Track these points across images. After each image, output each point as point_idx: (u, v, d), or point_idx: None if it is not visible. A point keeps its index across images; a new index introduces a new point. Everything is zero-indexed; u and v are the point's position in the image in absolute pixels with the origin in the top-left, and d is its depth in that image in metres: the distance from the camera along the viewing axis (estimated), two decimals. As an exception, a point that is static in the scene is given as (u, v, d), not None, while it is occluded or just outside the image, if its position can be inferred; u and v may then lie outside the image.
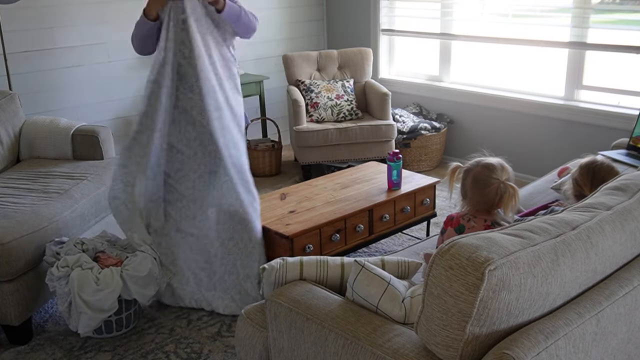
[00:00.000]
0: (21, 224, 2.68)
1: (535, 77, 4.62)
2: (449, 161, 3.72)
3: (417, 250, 2.45)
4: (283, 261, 1.91)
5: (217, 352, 2.64)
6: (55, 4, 4.16)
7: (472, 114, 4.81)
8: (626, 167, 3.00)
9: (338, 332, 1.63)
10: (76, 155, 3.56)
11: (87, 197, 3.08)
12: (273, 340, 1.85)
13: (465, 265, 1.32)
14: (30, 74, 4.13)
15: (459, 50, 5.00)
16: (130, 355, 2.63)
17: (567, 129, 4.25)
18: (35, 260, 2.70)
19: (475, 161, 2.17)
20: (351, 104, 4.68)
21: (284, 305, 1.77)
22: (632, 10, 4.04)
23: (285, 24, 5.46)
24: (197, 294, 2.93)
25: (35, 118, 3.69)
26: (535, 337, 1.36)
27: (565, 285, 1.46)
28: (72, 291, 2.55)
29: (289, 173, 4.91)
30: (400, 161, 3.21)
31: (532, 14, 4.55)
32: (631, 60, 4.07)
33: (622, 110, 3.98)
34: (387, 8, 5.34)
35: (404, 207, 3.22)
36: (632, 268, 1.67)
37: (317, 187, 3.32)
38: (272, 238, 2.84)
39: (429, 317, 1.40)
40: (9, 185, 3.12)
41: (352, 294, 1.76)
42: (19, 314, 2.65)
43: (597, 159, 2.30)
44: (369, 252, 3.49)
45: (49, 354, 2.66)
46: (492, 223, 2.11)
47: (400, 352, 1.49)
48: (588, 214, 1.60)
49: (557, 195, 2.83)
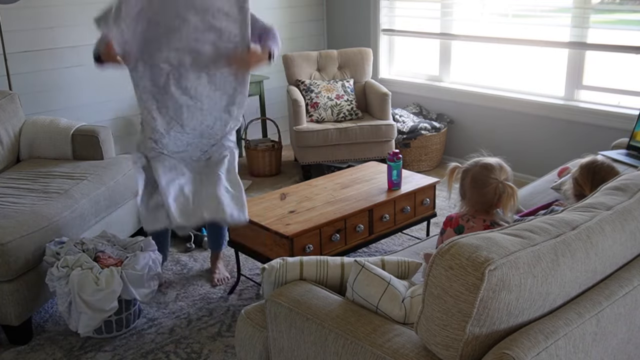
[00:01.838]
0: (21, 224, 2.68)
1: (535, 77, 4.63)
2: (449, 161, 3.72)
3: (417, 250, 2.45)
4: (283, 261, 1.91)
5: (217, 352, 2.64)
6: (55, 4, 4.16)
7: (472, 114, 4.81)
8: (626, 167, 3.00)
9: (338, 332, 1.63)
10: (76, 155, 3.56)
11: (87, 197, 3.08)
12: (273, 340, 1.85)
13: (465, 265, 1.32)
14: (30, 74, 4.13)
15: (459, 50, 5.00)
16: (130, 355, 2.63)
17: (567, 129, 4.25)
18: (35, 260, 2.70)
19: (474, 161, 2.17)
20: (351, 104, 4.68)
21: (284, 305, 1.77)
22: (632, 10, 4.04)
23: (285, 24, 5.46)
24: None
25: (35, 118, 3.69)
26: (535, 337, 1.36)
27: (565, 285, 1.46)
28: (72, 291, 2.55)
29: (289, 173, 4.91)
30: (400, 161, 3.21)
31: (532, 14, 4.55)
32: (631, 60, 4.07)
33: (622, 110, 3.98)
34: (387, 8, 5.34)
35: (404, 207, 3.22)
36: (632, 268, 1.67)
37: (317, 187, 3.32)
38: (272, 238, 2.84)
39: (429, 317, 1.40)
40: (9, 185, 3.12)
41: (352, 294, 1.76)
42: (19, 314, 2.65)
43: (597, 159, 2.30)
44: (369, 252, 3.49)
45: (49, 354, 2.66)
46: (491, 223, 2.11)
47: (400, 352, 1.49)
48: (588, 214, 1.60)
49: (557, 195, 2.83)
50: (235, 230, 3.02)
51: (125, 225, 3.41)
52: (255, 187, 4.55)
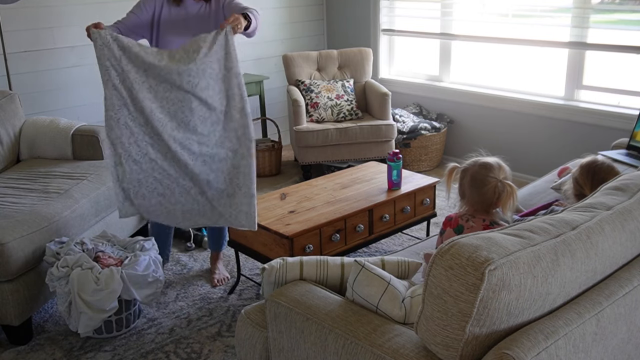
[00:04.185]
0: (21, 224, 2.68)
1: (535, 77, 4.62)
2: (448, 161, 3.71)
3: (417, 250, 2.45)
4: (283, 261, 1.91)
5: (217, 352, 2.64)
6: (55, 4, 4.16)
7: (472, 114, 4.81)
8: (626, 167, 3.00)
9: (338, 332, 1.63)
10: (76, 155, 3.56)
11: (87, 197, 3.08)
12: (273, 340, 1.85)
13: (465, 265, 1.32)
14: (30, 74, 4.13)
15: (459, 50, 5.00)
16: (130, 355, 2.63)
17: (567, 129, 4.25)
18: (35, 260, 2.70)
19: (473, 161, 2.17)
20: (351, 104, 4.68)
21: (284, 305, 1.77)
22: (632, 10, 4.04)
23: (285, 24, 5.46)
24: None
25: (35, 118, 3.69)
26: (535, 337, 1.36)
27: (565, 285, 1.46)
28: (72, 291, 2.55)
29: (289, 173, 4.91)
30: (400, 161, 3.21)
31: (532, 14, 4.55)
32: (631, 60, 4.07)
33: (622, 110, 3.98)
34: (387, 8, 5.34)
35: (404, 207, 3.22)
36: (632, 268, 1.67)
37: (317, 187, 3.32)
38: (272, 238, 2.84)
39: (429, 317, 1.40)
40: (9, 185, 3.12)
41: (352, 294, 1.76)
42: (19, 314, 2.65)
43: (597, 159, 2.30)
44: (369, 252, 3.49)
45: (49, 354, 2.66)
46: (490, 223, 2.11)
47: (400, 352, 1.49)
48: (588, 214, 1.60)
49: (557, 195, 2.83)
50: (235, 231, 3.02)
51: (125, 225, 3.41)
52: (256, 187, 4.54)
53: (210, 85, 2.63)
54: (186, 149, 2.69)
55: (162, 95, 2.63)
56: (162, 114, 2.64)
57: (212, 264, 3.31)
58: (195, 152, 2.70)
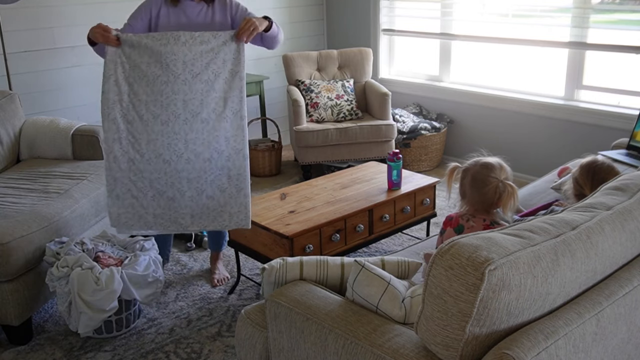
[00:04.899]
0: (21, 224, 2.68)
1: (535, 77, 4.62)
2: (448, 161, 3.72)
3: (417, 250, 2.45)
4: (283, 261, 1.91)
5: (217, 352, 2.64)
6: (55, 4, 4.16)
7: (472, 114, 4.81)
8: (626, 167, 3.00)
9: (338, 332, 1.63)
10: (76, 155, 3.56)
11: (87, 197, 3.08)
12: (273, 340, 1.85)
13: (465, 265, 1.32)
14: (30, 74, 4.13)
15: (459, 50, 5.00)
16: (130, 355, 2.63)
17: (567, 129, 4.25)
18: (35, 260, 2.70)
19: (474, 161, 2.17)
20: (351, 104, 4.68)
21: (284, 305, 1.77)
22: (632, 10, 4.04)
23: (285, 24, 5.46)
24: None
25: (35, 118, 3.69)
26: (535, 337, 1.36)
27: (565, 285, 1.46)
28: (72, 291, 2.55)
29: (289, 173, 4.91)
30: (400, 161, 3.21)
31: (532, 14, 4.55)
32: (631, 60, 4.07)
33: (622, 110, 3.98)
34: (387, 8, 5.34)
35: (404, 207, 3.22)
36: (632, 268, 1.67)
37: (317, 187, 3.32)
38: (272, 238, 2.84)
39: (429, 317, 1.40)
40: (9, 185, 3.12)
41: (352, 294, 1.76)
42: (19, 314, 2.65)
43: (597, 159, 2.30)
44: (369, 252, 3.49)
45: (49, 354, 2.66)
46: (491, 223, 2.11)
47: (400, 352, 1.49)
48: (588, 214, 1.60)
49: (557, 195, 2.83)
50: (235, 231, 3.02)
51: (125, 225, 3.41)
52: (255, 187, 4.55)
53: (210, 81, 2.66)
54: (172, 147, 2.71)
55: (158, 89, 2.66)
56: (155, 107, 2.68)
57: (212, 264, 3.31)
58: (180, 149, 2.71)
